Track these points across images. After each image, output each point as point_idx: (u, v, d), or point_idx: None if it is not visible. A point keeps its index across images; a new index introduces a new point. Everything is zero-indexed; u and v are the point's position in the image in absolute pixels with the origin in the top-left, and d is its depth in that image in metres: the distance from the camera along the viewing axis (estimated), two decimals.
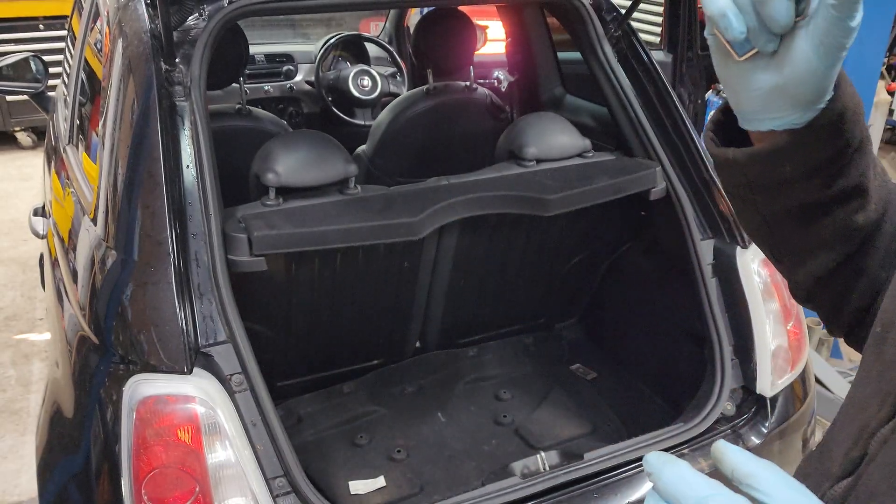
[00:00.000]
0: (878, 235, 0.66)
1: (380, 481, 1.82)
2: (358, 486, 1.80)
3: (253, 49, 2.98)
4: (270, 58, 3.58)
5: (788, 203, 0.65)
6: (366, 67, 3.38)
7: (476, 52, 2.72)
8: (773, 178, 0.63)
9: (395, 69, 3.63)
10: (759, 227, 0.70)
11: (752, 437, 1.68)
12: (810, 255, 0.68)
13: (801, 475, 0.62)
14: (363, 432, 1.99)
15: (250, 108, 2.55)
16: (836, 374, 3.01)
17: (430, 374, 2.21)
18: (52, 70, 3.25)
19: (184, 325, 1.33)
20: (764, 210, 0.67)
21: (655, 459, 0.49)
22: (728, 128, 0.67)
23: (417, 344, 2.23)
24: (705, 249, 1.85)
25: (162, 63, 1.56)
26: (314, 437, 1.98)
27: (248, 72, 3.29)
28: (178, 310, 1.34)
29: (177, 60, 1.59)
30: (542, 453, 1.67)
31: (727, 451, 0.48)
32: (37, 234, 2.50)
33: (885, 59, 4.11)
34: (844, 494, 0.54)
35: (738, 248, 1.81)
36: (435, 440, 1.97)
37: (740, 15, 0.54)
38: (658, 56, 4.12)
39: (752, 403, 1.74)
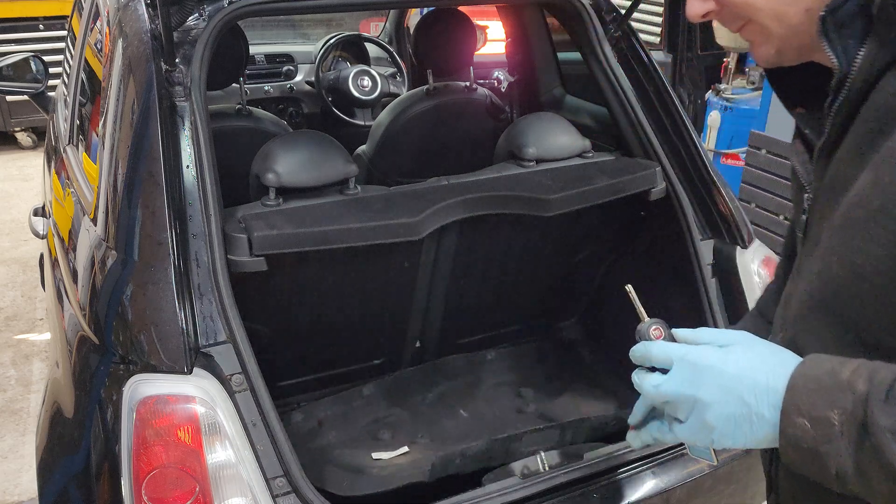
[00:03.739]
0: None
1: (403, 449, 1.84)
2: (381, 454, 1.83)
3: (253, 49, 2.98)
4: (270, 58, 3.59)
5: None
6: (366, 68, 3.38)
7: (476, 52, 2.72)
8: None
9: (395, 69, 3.63)
10: None
11: None
12: None
13: None
14: (384, 429, 2.00)
15: (250, 108, 2.54)
16: None
17: (449, 381, 2.20)
18: (52, 70, 3.25)
19: (184, 325, 1.33)
20: None
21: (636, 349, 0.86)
22: None
23: (417, 343, 2.23)
24: (705, 250, 1.85)
25: (162, 63, 1.56)
26: (337, 438, 1.99)
27: (248, 72, 3.29)
28: (178, 310, 1.34)
29: (177, 61, 1.59)
30: (542, 453, 1.66)
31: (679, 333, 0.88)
32: (37, 234, 2.50)
33: None
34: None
35: (738, 248, 1.81)
36: (456, 431, 1.98)
37: None
38: (658, 56, 4.12)
39: None
